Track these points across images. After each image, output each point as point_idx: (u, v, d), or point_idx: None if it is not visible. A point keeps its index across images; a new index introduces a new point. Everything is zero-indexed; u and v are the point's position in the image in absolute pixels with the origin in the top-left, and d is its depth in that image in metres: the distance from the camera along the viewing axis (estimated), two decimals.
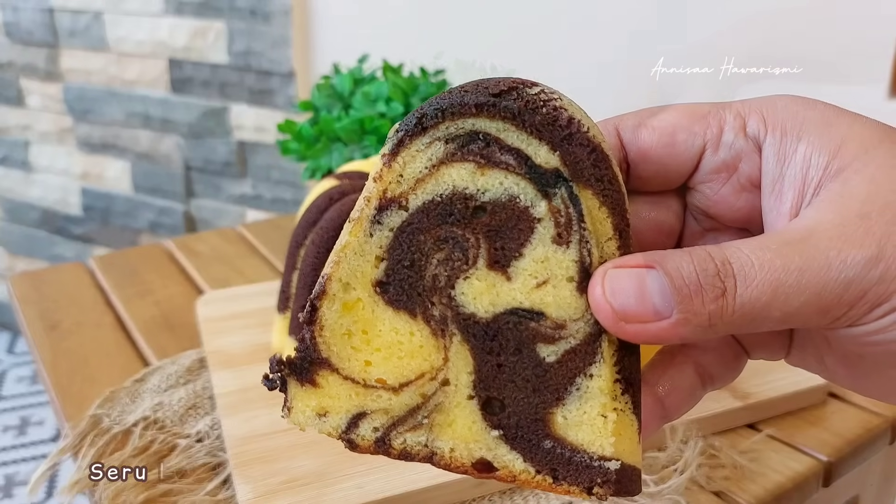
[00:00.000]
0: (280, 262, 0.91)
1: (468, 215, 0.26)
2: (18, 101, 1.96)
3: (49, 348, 0.73)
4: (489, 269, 0.26)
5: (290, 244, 0.63)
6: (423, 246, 0.27)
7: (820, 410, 0.62)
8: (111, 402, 0.62)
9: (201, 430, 0.59)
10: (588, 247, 0.26)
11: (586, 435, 0.26)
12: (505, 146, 0.26)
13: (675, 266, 0.24)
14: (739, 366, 0.31)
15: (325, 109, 0.89)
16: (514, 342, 0.27)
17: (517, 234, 0.26)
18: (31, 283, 0.87)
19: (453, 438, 0.27)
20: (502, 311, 0.27)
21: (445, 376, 0.27)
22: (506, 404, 0.27)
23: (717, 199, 0.29)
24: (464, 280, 0.27)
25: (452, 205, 0.27)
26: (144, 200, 1.87)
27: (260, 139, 1.64)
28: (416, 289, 0.27)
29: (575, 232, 0.26)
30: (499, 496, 0.52)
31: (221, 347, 0.67)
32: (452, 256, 0.27)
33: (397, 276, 0.27)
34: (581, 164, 0.26)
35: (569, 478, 0.26)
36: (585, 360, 0.26)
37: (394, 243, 0.27)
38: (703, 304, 0.24)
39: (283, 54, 1.53)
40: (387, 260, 0.27)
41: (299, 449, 0.54)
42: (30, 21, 1.82)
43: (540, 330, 0.26)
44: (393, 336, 0.27)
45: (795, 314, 0.24)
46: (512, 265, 0.26)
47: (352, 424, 0.28)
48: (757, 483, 0.54)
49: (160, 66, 1.71)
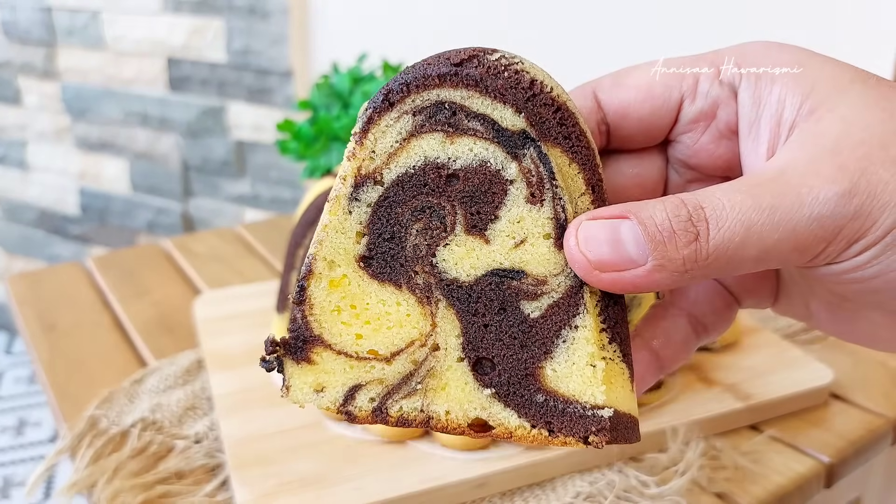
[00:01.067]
0: (278, 262, 0.91)
1: (442, 184, 0.27)
2: (16, 100, 1.95)
3: (47, 349, 0.73)
4: (467, 234, 0.27)
5: (289, 244, 0.63)
6: (402, 218, 0.28)
7: (822, 411, 0.62)
8: (109, 403, 0.62)
9: (199, 432, 0.58)
10: (562, 203, 0.27)
11: (576, 385, 0.27)
12: (471, 113, 0.27)
13: (649, 214, 0.25)
14: (731, 315, 0.32)
15: (323, 108, 0.89)
16: (497, 302, 0.27)
17: (491, 198, 0.27)
18: (28, 283, 0.87)
19: (447, 401, 0.28)
20: (484, 274, 0.27)
21: (435, 342, 0.28)
22: (495, 363, 0.28)
23: (697, 148, 0.29)
24: (444, 247, 0.27)
25: (426, 175, 0.27)
26: (142, 200, 1.87)
27: (258, 138, 1.64)
28: (399, 260, 0.28)
29: (547, 190, 0.27)
30: (499, 497, 0.52)
31: (219, 348, 0.67)
32: (430, 225, 0.27)
33: (379, 249, 0.28)
34: (547, 124, 0.26)
35: (564, 429, 0.27)
36: (569, 313, 0.27)
37: (373, 218, 0.28)
38: (676, 248, 0.24)
39: (282, 53, 1.53)
40: (367, 235, 0.28)
41: (298, 451, 0.54)
42: (27, 20, 1.82)
43: (522, 287, 0.27)
44: (380, 308, 0.28)
45: (771, 253, 0.24)
46: (489, 228, 0.27)
47: (349, 397, 0.28)
48: (758, 484, 0.54)
49: (158, 64, 1.70)
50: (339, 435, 0.56)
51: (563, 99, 0.27)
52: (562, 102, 0.27)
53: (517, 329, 0.27)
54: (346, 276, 0.28)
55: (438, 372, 0.28)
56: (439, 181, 0.27)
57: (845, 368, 0.67)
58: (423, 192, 0.27)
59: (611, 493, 0.51)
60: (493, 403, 0.28)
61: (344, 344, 0.28)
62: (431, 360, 0.28)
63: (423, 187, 0.27)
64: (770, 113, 0.27)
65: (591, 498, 0.52)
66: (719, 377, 0.62)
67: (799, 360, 0.64)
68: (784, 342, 0.67)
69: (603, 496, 0.52)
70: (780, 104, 0.26)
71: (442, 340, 0.28)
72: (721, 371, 0.63)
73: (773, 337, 0.68)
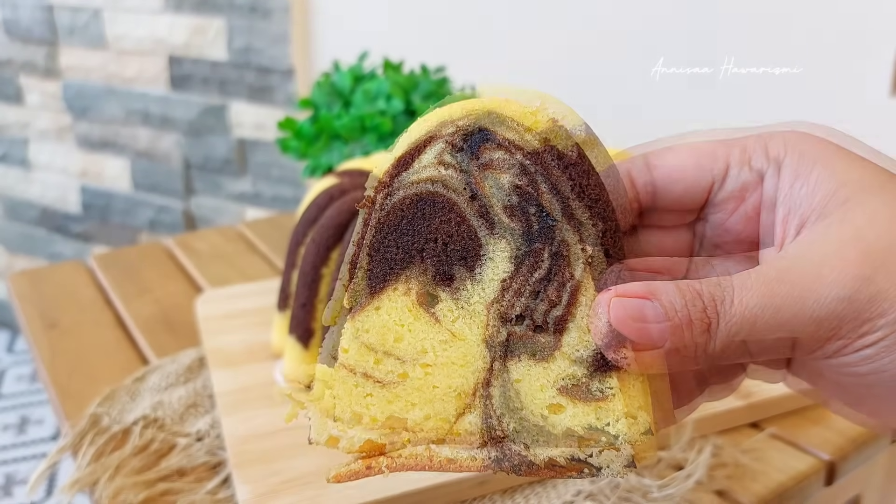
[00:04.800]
0: (280, 260, 0.91)
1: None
2: (17, 99, 1.95)
3: (48, 347, 0.73)
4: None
5: (290, 242, 0.63)
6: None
7: (822, 409, 0.62)
8: (111, 401, 0.62)
9: (201, 429, 0.58)
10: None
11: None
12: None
13: (670, 300, 0.26)
14: (736, 383, 0.32)
15: (325, 107, 0.89)
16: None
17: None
18: (30, 281, 0.87)
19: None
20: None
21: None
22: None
23: (725, 228, 0.31)
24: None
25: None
26: (144, 198, 1.87)
27: (260, 137, 1.64)
28: None
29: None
30: (500, 496, 0.52)
31: (221, 346, 0.67)
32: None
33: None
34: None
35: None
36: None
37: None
38: (691, 336, 0.25)
39: (283, 51, 1.53)
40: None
41: (299, 448, 0.54)
42: (29, 18, 1.82)
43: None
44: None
45: (771, 349, 0.26)
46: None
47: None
48: (759, 482, 0.54)
49: (160, 63, 1.70)
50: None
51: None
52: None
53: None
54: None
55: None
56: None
57: None
58: None
59: (613, 495, 0.52)
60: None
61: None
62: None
63: None
64: (794, 202, 0.28)
65: (592, 496, 0.52)
66: None
67: None
68: None
69: (604, 495, 0.52)
70: (808, 195, 0.27)
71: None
72: None
73: None
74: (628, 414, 0.26)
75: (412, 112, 0.87)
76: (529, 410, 0.27)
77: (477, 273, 0.28)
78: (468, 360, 0.28)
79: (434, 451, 0.28)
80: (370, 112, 0.84)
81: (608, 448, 0.26)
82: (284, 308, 0.64)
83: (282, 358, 0.63)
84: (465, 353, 0.28)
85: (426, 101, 0.87)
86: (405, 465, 0.28)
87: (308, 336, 0.59)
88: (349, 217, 0.56)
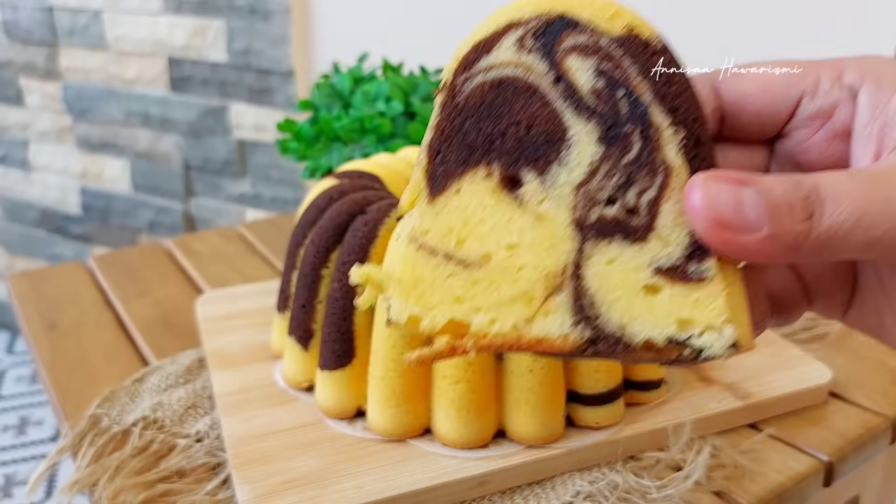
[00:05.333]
0: (280, 261, 0.91)
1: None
2: (17, 100, 1.96)
3: (48, 348, 0.73)
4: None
5: (290, 243, 0.63)
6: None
7: (821, 410, 0.62)
8: (110, 402, 0.62)
9: (201, 430, 0.59)
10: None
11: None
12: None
13: (769, 187, 0.25)
14: (798, 313, 0.32)
15: (324, 108, 0.89)
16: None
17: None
18: (29, 282, 0.87)
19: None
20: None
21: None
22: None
23: (808, 145, 0.30)
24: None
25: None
26: (144, 200, 1.87)
27: (259, 138, 1.64)
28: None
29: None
30: (499, 496, 0.52)
31: (221, 347, 0.67)
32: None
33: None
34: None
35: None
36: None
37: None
38: (792, 223, 0.24)
39: (283, 53, 1.53)
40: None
41: (299, 449, 0.54)
42: (29, 20, 1.82)
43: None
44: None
45: (877, 242, 0.25)
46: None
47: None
48: (757, 483, 0.54)
49: (159, 64, 1.70)
50: (339, 433, 0.56)
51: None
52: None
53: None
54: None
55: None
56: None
57: (844, 367, 0.67)
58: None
59: (612, 496, 0.52)
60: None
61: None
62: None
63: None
64: (887, 117, 0.28)
65: (591, 497, 0.52)
66: (718, 376, 0.62)
67: (798, 359, 0.65)
68: (783, 341, 0.68)
69: (603, 496, 0.52)
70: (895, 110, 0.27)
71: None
72: (720, 370, 0.63)
73: (772, 336, 0.68)
74: (729, 294, 0.26)
75: (412, 114, 0.87)
76: (624, 290, 0.26)
77: (563, 156, 0.27)
78: (555, 242, 0.27)
79: (522, 330, 0.27)
80: (370, 114, 0.85)
81: (709, 330, 0.25)
82: (284, 309, 0.64)
83: (281, 359, 0.63)
84: (551, 234, 0.27)
85: (425, 103, 0.87)
86: (492, 345, 0.27)
87: (308, 337, 0.59)
88: (348, 218, 0.56)
